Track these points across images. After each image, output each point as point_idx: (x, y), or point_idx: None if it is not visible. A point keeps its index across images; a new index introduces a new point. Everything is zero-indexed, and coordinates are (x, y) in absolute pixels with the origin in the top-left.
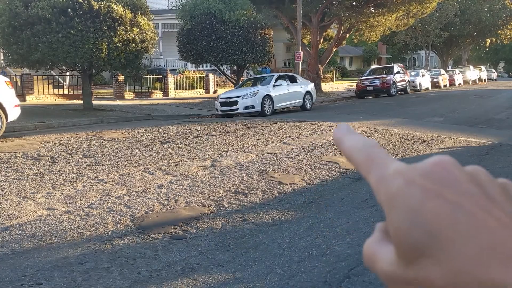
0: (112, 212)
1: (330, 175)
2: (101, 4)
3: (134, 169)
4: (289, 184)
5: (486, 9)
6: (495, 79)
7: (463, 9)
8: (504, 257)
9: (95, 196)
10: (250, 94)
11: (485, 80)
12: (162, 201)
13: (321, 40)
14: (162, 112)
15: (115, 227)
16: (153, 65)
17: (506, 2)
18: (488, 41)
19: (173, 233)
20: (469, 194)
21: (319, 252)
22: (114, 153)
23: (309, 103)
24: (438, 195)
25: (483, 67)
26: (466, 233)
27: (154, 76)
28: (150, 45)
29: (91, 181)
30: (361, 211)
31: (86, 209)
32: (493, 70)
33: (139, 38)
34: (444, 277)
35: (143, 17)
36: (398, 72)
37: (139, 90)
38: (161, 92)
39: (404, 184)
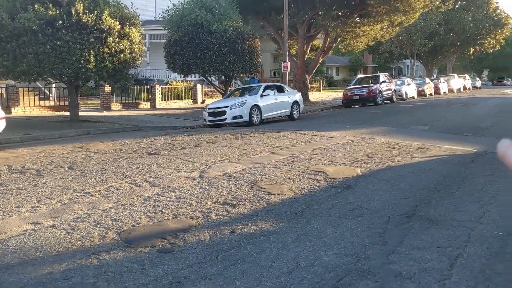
0: (99, 226)
1: (317, 184)
2: (89, 17)
3: (121, 181)
4: (277, 194)
5: (470, 18)
6: (479, 87)
7: (447, 19)
8: None
9: (81, 210)
10: (238, 104)
11: (469, 89)
12: (149, 214)
13: (308, 50)
14: (150, 123)
15: (101, 241)
16: (141, 76)
17: (489, 12)
18: (472, 50)
19: (160, 246)
20: None
21: (308, 263)
22: (101, 165)
23: (297, 113)
24: None
25: (467, 76)
26: None
27: (142, 86)
28: (138, 56)
29: (77, 194)
30: (348, 221)
31: (72, 223)
32: (477, 79)
33: (128, 49)
34: None
35: (132, 28)
36: (384, 81)
37: (127, 101)
38: (149, 103)
39: None
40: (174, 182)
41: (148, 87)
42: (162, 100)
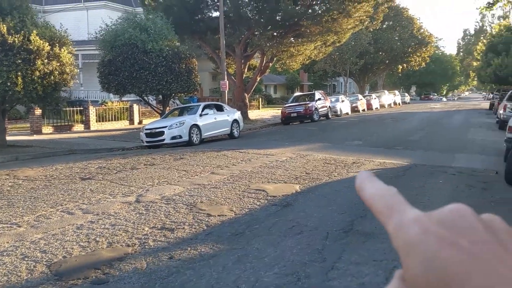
0: (26, 259)
1: (258, 203)
2: (16, 37)
3: (51, 209)
4: (218, 215)
5: (397, 38)
6: (408, 102)
7: (376, 38)
8: None
9: (7, 242)
10: (176, 124)
11: (399, 104)
12: (82, 243)
13: (246, 69)
14: (84, 146)
15: (29, 275)
16: (74, 97)
17: (414, 31)
18: (400, 67)
19: (94, 277)
20: (483, 242)
21: (248, 285)
22: (30, 193)
23: (237, 131)
24: (453, 243)
25: (397, 92)
26: (478, 281)
27: (75, 108)
28: (69, 78)
29: (3, 225)
30: (288, 239)
31: None
32: (406, 94)
33: (57, 70)
34: None
35: (63, 49)
36: (319, 99)
37: (59, 124)
38: (83, 125)
39: (420, 232)
40: (109, 208)
41: (82, 108)
42: (96, 121)
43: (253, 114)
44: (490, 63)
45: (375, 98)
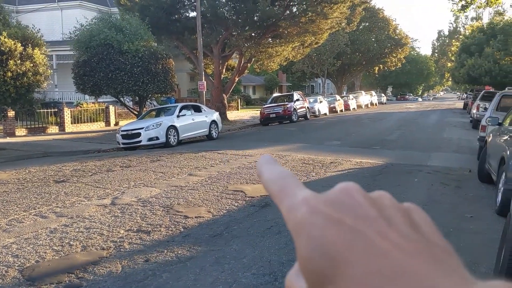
0: None
1: (236, 204)
2: None
3: (24, 213)
4: (195, 217)
5: (373, 39)
6: (385, 103)
7: (353, 39)
8: (395, 278)
9: None
10: (153, 125)
11: (376, 104)
12: (55, 247)
13: (224, 70)
14: (58, 148)
15: (0, 280)
16: (48, 99)
17: (390, 32)
18: (377, 68)
19: (67, 282)
20: (368, 218)
21: (225, 286)
22: (2, 197)
23: (215, 132)
24: (338, 221)
25: (373, 92)
26: (361, 257)
27: (49, 110)
28: (43, 78)
29: None
30: (267, 239)
31: None
32: (383, 95)
33: (31, 71)
34: None
35: (36, 49)
36: (298, 99)
37: (33, 126)
38: (57, 127)
39: (308, 212)
40: (83, 211)
41: (56, 110)
42: (72, 123)
43: (232, 115)
44: (464, 64)
45: (352, 99)
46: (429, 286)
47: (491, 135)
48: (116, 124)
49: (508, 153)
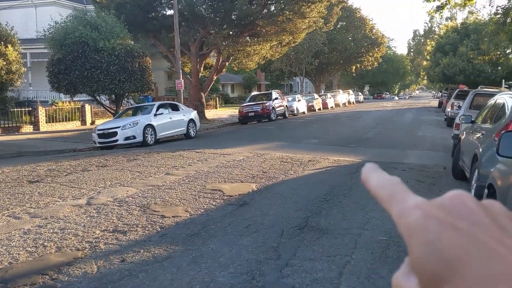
0: None
1: (214, 203)
2: None
3: None
4: (172, 217)
5: (350, 38)
6: (362, 102)
7: (330, 39)
8: (511, 280)
9: None
10: (130, 124)
11: (353, 103)
12: (29, 249)
13: (202, 68)
14: (32, 148)
15: None
16: (22, 97)
17: (367, 31)
18: (354, 67)
19: (41, 283)
20: (482, 224)
21: (202, 285)
22: None
23: (193, 131)
24: (453, 226)
25: (351, 91)
26: (479, 260)
27: (23, 109)
28: (16, 77)
29: None
30: (244, 238)
31: None
32: (360, 93)
33: (4, 70)
34: None
35: (9, 47)
36: (276, 98)
37: (6, 125)
38: (32, 126)
39: (422, 216)
40: (58, 211)
41: (31, 109)
42: (46, 122)
43: (210, 113)
44: (439, 63)
45: (330, 98)
46: None
47: (464, 133)
48: (92, 123)
49: (480, 150)
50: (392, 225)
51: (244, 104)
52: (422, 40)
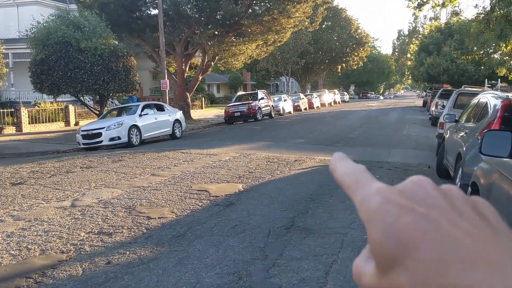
0: None
1: (200, 204)
2: None
3: None
4: (158, 218)
5: (335, 38)
6: (348, 101)
7: (316, 38)
8: (464, 262)
9: None
10: (115, 125)
11: (339, 102)
12: (13, 252)
13: (187, 68)
14: (15, 150)
15: None
16: (4, 98)
17: (352, 31)
18: (339, 67)
19: (25, 286)
20: (439, 208)
21: (189, 287)
22: None
23: (179, 131)
24: (411, 210)
25: (336, 91)
26: (432, 242)
27: (5, 110)
28: None
29: None
30: (230, 238)
31: None
32: (345, 93)
33: None
34: (411, 282)
35: None
36: (262, 98)
37: None
38: (14, 127)
39: (382, 201)
40: (42, 214)
41: (13, 110)
42: (29, 123)
43: (196, 113)
44: (423, 63)
45: (316, 97)
46: (500, 271)
47: (448, 132)
48: (76, 124)
49: (464, 149)
50: None
51: (230, 104)
52: (407, 40)
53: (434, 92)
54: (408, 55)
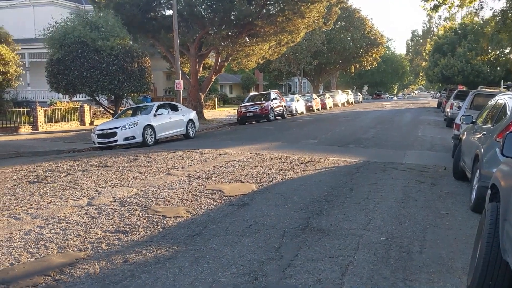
0: None
1: (215, 203)
2: None
3: None
4: (173, 217)
5: (349, 38)
6: (361, 102)
7: (329, 39)
8: None
9: None
10: (130, 125)
11: (352, 103)
12: (31, 249)
13: (201, 69)
14: (31, 148)
15: None
16: (20, 97)
17: (366, 32)
18: (353, 67)
19: (43, 284)
20: None
21: (205, 286)
22: None
23: (192, 131)
24: None
25: (350, 91)
26: None
27: (22, 109)
28: (14, 78)
29: None
30: (245, 238)
31: None
32: (359, 93)
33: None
34: None
35: (4, 47)
36: (275, 98)
37: (4, 125)
38: (30, 126)
39: None
40: (59, 212)
41: (29, 109)
42: (45, 122)
43: (208, 114)
44: (437, 63)
45: (329, 98)
46: None
47: (465, 133)
48: (91, 123)
49: (481, 150)
50: (394, 226)
51: (243, 105)
52: (421, 41)
53: (449, 93)
54: (423, 55)
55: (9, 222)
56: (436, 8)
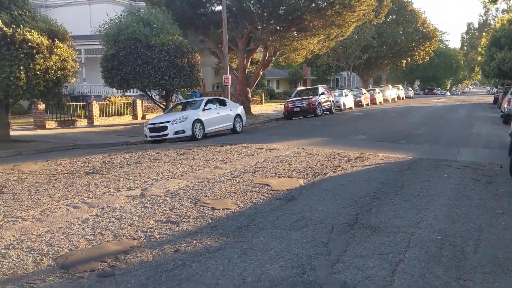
0: (33, 252)
1: (262, 197)
2: (15, 31)
3: (57, 203)
4: (222, 209)
5: (401, 32)
6: (412, 97)
7: (380, 32)
8: None
9: (13, 236)
10: (180, 119)
11: (403, 98)
12: (88, 237)
13: (248, 64)
14: (87, 141)
15: (35, 268)
16: (77, 92)
17: (418, 25)
18: (404, 61)
19: (100, 270)
20: None
21: (254, 278)
22: (34, 187)
23: (240, 126)
24: None
25: (400, 86)
26: None
27: (78, 103)
28: (71, 74)
29: (8, 219)
30: (293, 232)
31: (2, 251)
32: (410, 89)
33: (57, 66)
34: None
35: (62, 43)
36: (322, 93)
37: (62, 119)
38: (86, 120)
39: None
40: (114, 202)
41: (85, 103)
42: (100, 116)
43: (255, 109)
44: (494, 57)
45: (378, 93)
46: None
47: None
48: (143, 117)
49: None
50: (447, 224)
51: (290, 99)
52: (477, 34)
53: (506, 88)
54: (479, 49)
55: (68, 210)
56: (495, 0)
